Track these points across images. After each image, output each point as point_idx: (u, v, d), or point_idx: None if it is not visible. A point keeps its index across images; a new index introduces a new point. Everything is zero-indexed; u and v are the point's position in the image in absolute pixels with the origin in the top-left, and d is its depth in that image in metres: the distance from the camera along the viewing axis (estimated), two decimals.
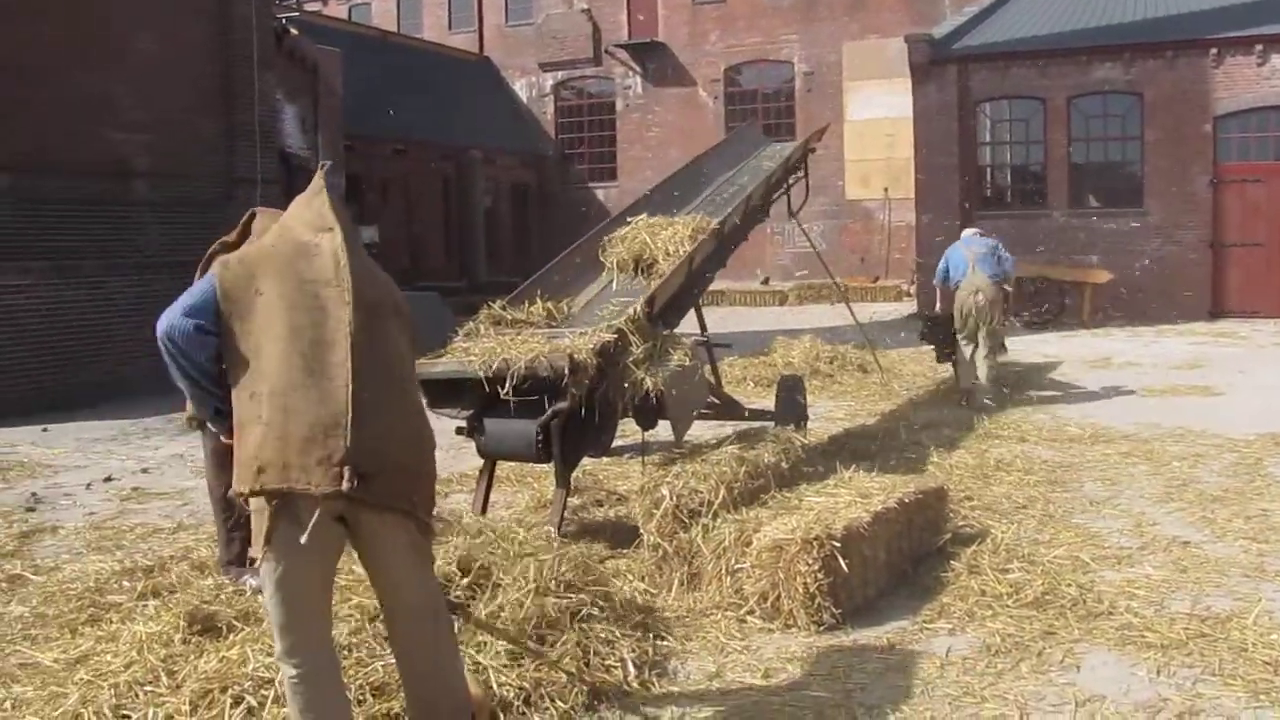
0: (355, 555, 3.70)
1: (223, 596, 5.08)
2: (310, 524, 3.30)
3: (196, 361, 3.45)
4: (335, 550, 3.52)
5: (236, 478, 3.38)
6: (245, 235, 5.99)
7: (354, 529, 3.46)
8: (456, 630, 3.97)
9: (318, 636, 3.51)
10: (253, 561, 5.88)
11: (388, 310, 3.60)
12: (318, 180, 3.73)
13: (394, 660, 3.84)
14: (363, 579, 4.25)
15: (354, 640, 4.34)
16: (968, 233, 12.96)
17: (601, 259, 8.42)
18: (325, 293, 3.43)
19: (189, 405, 6.00)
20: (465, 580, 4.73)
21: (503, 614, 4.58)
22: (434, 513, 3.69)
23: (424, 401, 3.86)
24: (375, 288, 3.57)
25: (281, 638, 3.44)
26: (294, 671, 3.45)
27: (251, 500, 3.38)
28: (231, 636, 4.44)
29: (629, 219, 8.57)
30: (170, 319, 3.46)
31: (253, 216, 6.08)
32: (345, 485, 3.25)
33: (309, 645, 3.46)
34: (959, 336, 11.89)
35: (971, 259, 11.97)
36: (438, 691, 3.68)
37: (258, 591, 5.67)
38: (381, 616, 3.82)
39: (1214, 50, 20.70)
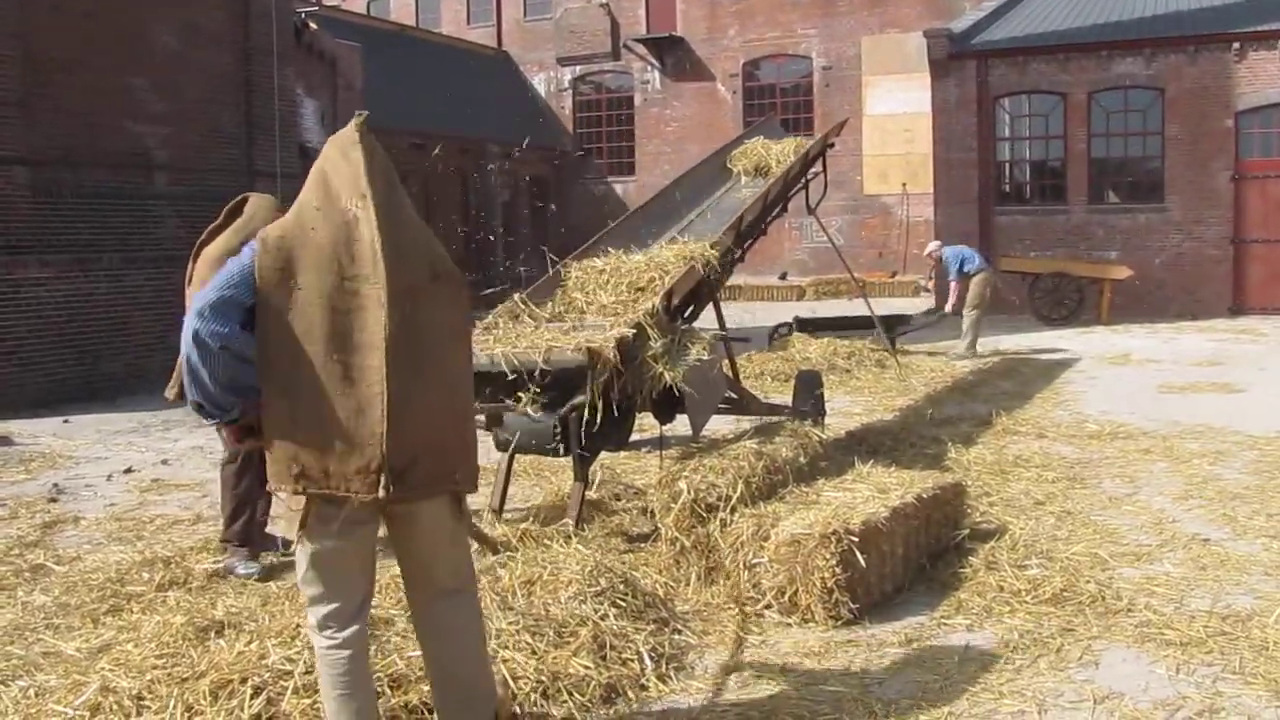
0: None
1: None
2: (341, 518, 3.38)
3: (230, 362, 3.33)
4: (372, 530, 3.54)
5: (272, 474, 3.40)
6: (233, 218, 6.05)
7: (388, 513, 3.50)
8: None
9: (352, 611, 3.51)
10: (243, 544, 5.99)
11: (424, 284, 3.47)
12: (353, 128, 3.50)
13: (418, 652, 3.84)
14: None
15: (373, 633, 4.36)
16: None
17: (730, 167, 10.33)
18: (364, 290, 3.35)
19: (173, 381, 6.02)
20: None
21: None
22: (476, 482, 3.70)
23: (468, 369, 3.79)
24: (409, 269, 3.43)
25: (315, 609, 3.49)
26: (326, 643, 3.48)
27: (285, 492, 3.42)
28: (249, 633, 4.46)
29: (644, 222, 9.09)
30: (202, 323, 3.31)
31: (243, 202, 6.13)
32: (381, 493, 3.33)
33: (343, 619, 3.48)
34: (973, 312, 15.44)
35: (977, 254, 16.20)
36: (465, 677, 3.66)
37: (240, 577, 5.76)
38: (408, 602, 3.81)
39: (1236, 45, 20.58)
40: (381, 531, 3.61)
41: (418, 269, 3.47)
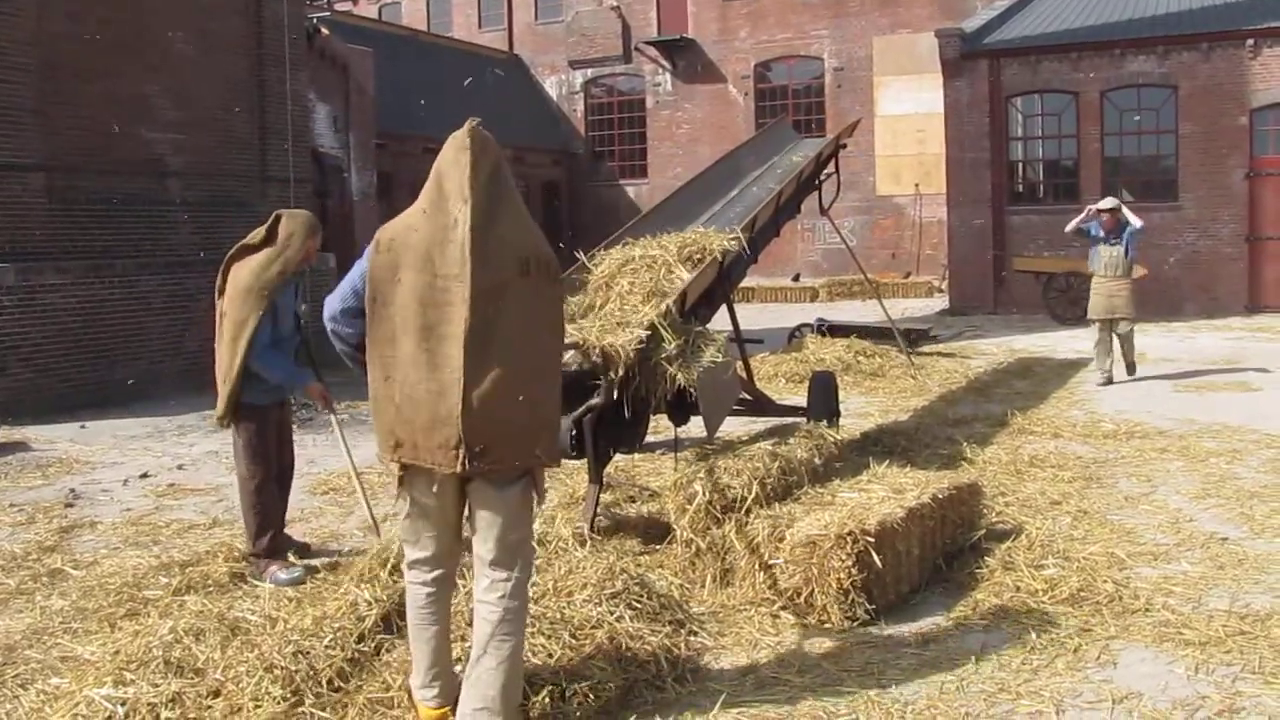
0: None
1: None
2: (431, 483, 3.85)
3: (353, 343, 4.05)
4: (456, 497, 3.94)
5: (378, 443, 3.93)
6: (270, 240, 6.08)
7: (468, 485, 3.90)
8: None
9: (435, 559, 3.99)
10: (271, 557, 6.01)
11: (513, 279, 3.78)
12: (464, 134, 3.83)
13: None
14: None
15: None
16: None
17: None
18: (452, 287, 3.73)
19: (219, 405, 6.13)
20: None
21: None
22: (558, 456, 4.20)
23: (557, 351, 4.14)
24: (495, 268, 3.75)
25: (408, 552, 4.03)
26: (413, 579, 4.02)
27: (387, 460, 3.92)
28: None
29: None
30: (332, 307, 4.09)
31: (278, 219, 6.15)
32: (459, 468, 3.74)
33: (428, 564, 3.99)
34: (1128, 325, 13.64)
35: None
36: (485, 670, 3.80)
37: (284, 585, 5.75)
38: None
39: (1250, 41, 20.45)
40: None
41: (505, 268, 3.79)
